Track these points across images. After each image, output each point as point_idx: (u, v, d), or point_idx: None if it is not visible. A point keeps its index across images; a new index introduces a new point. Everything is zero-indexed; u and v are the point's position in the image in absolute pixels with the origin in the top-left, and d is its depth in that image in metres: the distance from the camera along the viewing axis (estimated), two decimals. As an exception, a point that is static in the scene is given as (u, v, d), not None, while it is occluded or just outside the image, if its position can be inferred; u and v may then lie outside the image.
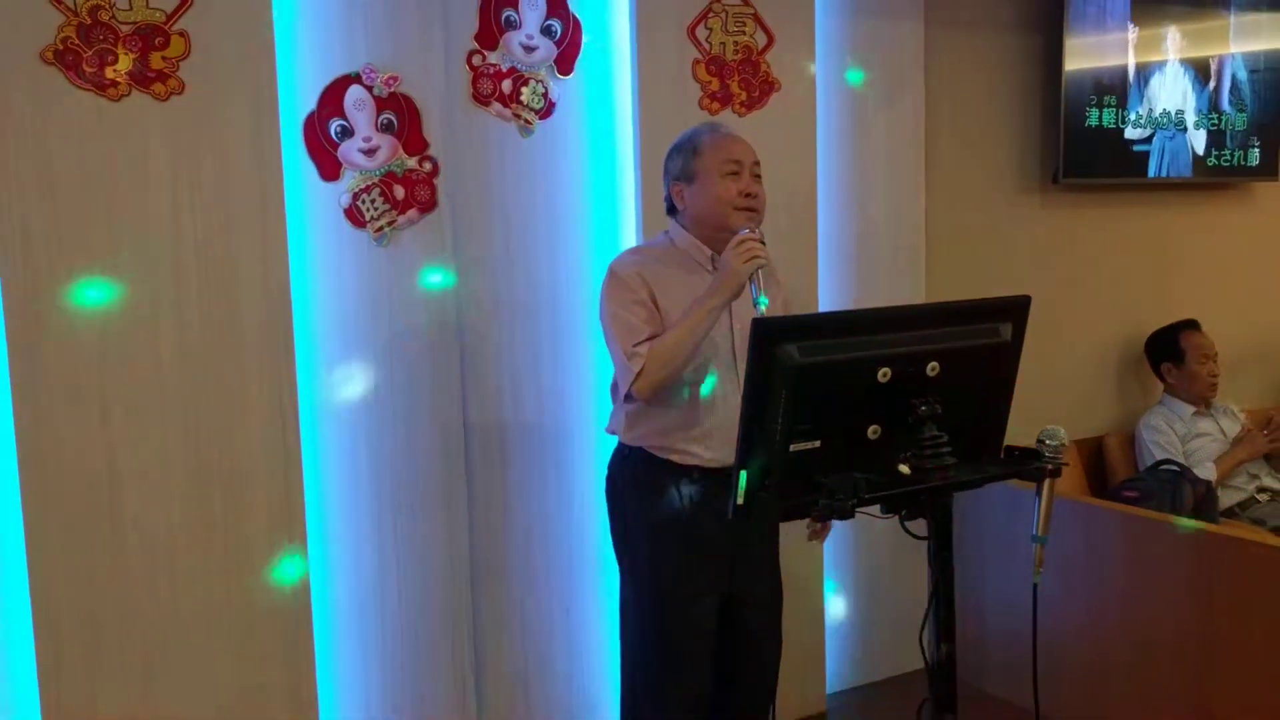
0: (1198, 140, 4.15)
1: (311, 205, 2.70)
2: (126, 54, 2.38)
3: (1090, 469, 4.03)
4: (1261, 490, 3.84)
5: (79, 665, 2.41)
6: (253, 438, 2.57)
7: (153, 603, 2.48)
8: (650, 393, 2.32)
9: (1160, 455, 3.82)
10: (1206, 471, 3.77)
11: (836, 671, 3.57)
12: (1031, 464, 1.89)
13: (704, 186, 2.41)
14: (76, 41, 2.34)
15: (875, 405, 1.79)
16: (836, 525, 2.56)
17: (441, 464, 2.87)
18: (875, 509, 1.81)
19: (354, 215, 2.73)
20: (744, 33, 3.14)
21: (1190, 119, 4.11)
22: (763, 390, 1.72)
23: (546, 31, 2.94)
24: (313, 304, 2.72)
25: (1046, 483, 1.91)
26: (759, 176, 2.43)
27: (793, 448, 1.75)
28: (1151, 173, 4.06)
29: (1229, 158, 4.24)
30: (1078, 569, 3.21)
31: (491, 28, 2.88)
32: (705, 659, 2.45)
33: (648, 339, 2.32)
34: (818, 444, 1.77)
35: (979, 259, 3.80)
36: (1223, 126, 4.20)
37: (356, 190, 2.73)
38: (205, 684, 2.54)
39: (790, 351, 1.72)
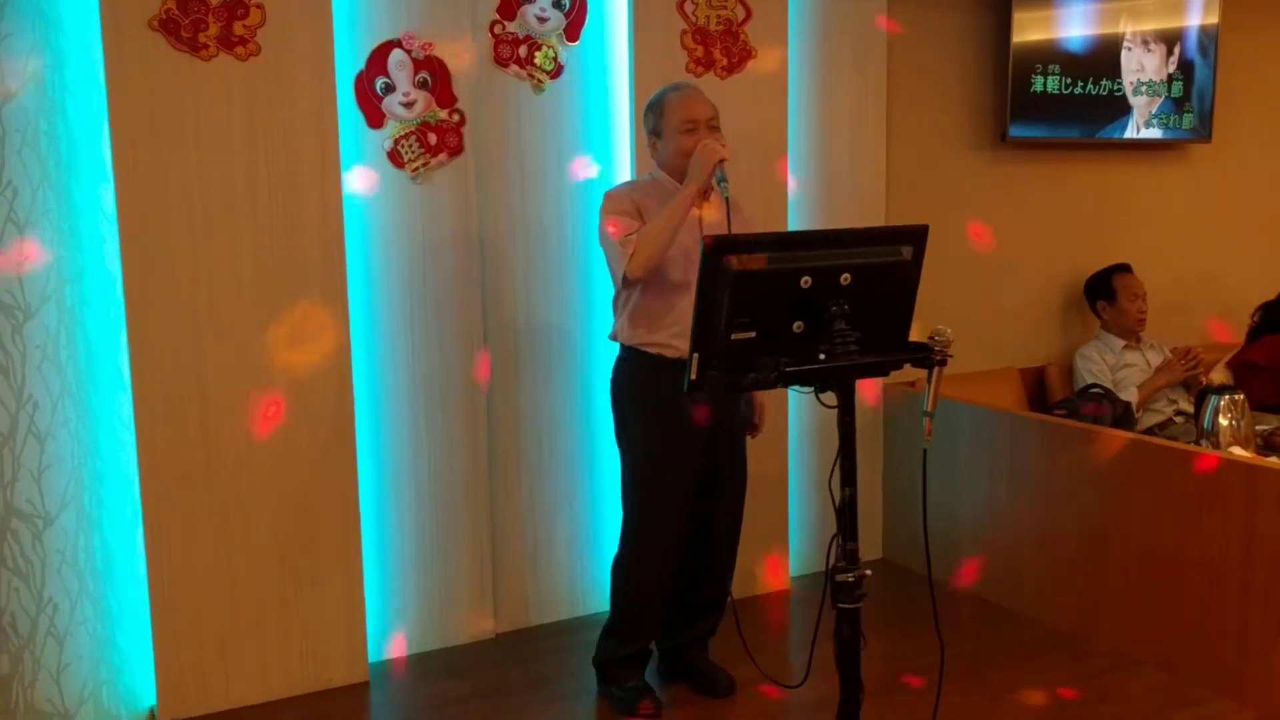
0: (1137, 105, 4.66)
1: (361, 148, 3.27)
2: (215, 23, 2.94)
3: (1033, 393, 4.59)
4: (1179, 414, 4.38)
5: (177, 519, 3.02)
6: (312, 344, 3.15)
7: (235, 468, 3.08)
8: (642, 271, 2.82)
9: (1090, 380, 4.37)
10: (1130, 395, 4.32)
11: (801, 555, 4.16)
12: (922, 354, 2.44)
13: (668, 141, 2.96)
14: (176, 12, 2.90)
15: (799, 306, 2.32)
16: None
17: (463, 367, 3.45)
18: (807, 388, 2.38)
19: (395, 157, 3.29)
20: (725, 7, 3.66)
21: (1128, 85, 4.62)
22: (710, 291, 2.27)
23: (557, 4, 3.47)
24: (360, 230, 3.29)
25: (935, 370, 2.45)
26: (716, 128, 2.95)
27: (734, 337, 2.30)
28: (1092, 134, 4.57)
29: (1166, 121, 4.75)
30: (1003, 470, 3.78)
31: (511, 1, 3.42)
32: (682, 508, 3.01)
33: (630, 234, 2.84)
34: (754, 335, 2.32)
35: (935, 207, 4.33)
36: (1161, 93, 4.71)
37: (397, 136, 3.28)
38: (270, 537, 3.14)
39: (732, 261, 2.27)
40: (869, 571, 2.36)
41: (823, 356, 2.32)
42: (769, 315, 2.32)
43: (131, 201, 2.90)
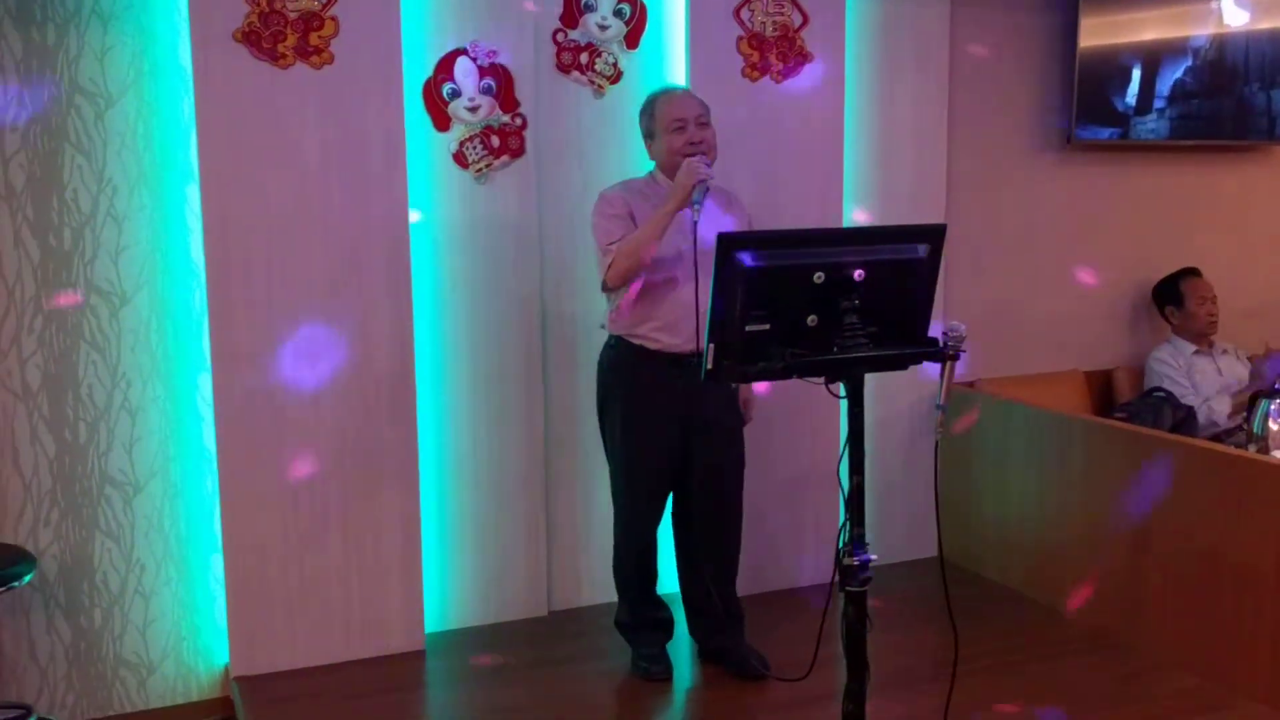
0: (1209, 107, 4.59)
1: (428, 150, 3.48)
2: (293, 34, 3.19)
3: (1099, 396, 4.58)
4: (1247, 420, 4.32)
5: (250, 492, 3.28)
6: (378, 335, 3.37)
7: (303, 448, 3.32)
8: (619, 280, 3.03)
9: (1163, 383, 4.33)
10: (1222, 404, 4.28)
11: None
12: (934, 349, 2.52)
13: (659, 141, 3.13)
14: (258, 24, 3.15)
15: (813, 300, 2.44)
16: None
17: (523, 357, 3.63)
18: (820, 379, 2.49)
19: (460, 159, 3.50)
20: (782, 14, 3.78)
21: (1201, 87, 4.55)
22: (725, 285, 2.40)
23: (618, 14, 3.64)
24: (427, 227, 3.51)
25: (947, 364, 2.53)
26: (704, 124, 3.09)
27: (748, 329, 2.42)
28: (1160, 136, 4.52)
29: (1232, 125, 4.65)
30: (1052, 470, 3.80)
31: (573, 11, 3.60)
32: (656, 488, 3.20)
33: (613, 242, 3.03)
34: (768, 327, 2.44)
35: (997, 210, 4.36)
36: (1233, 94, 4.62)
37: (462, 139, 3.49)
38: (335, 511, 3.38)
39: (746, 256, 2.40)
40: (875, 556, 2.46)
41: (835, 350, 2.44)
42: (783, 309, 2.43)
43: (215, 199, 3.17)
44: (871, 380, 3.91)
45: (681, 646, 3.47)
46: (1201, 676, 3.24)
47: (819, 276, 2.42)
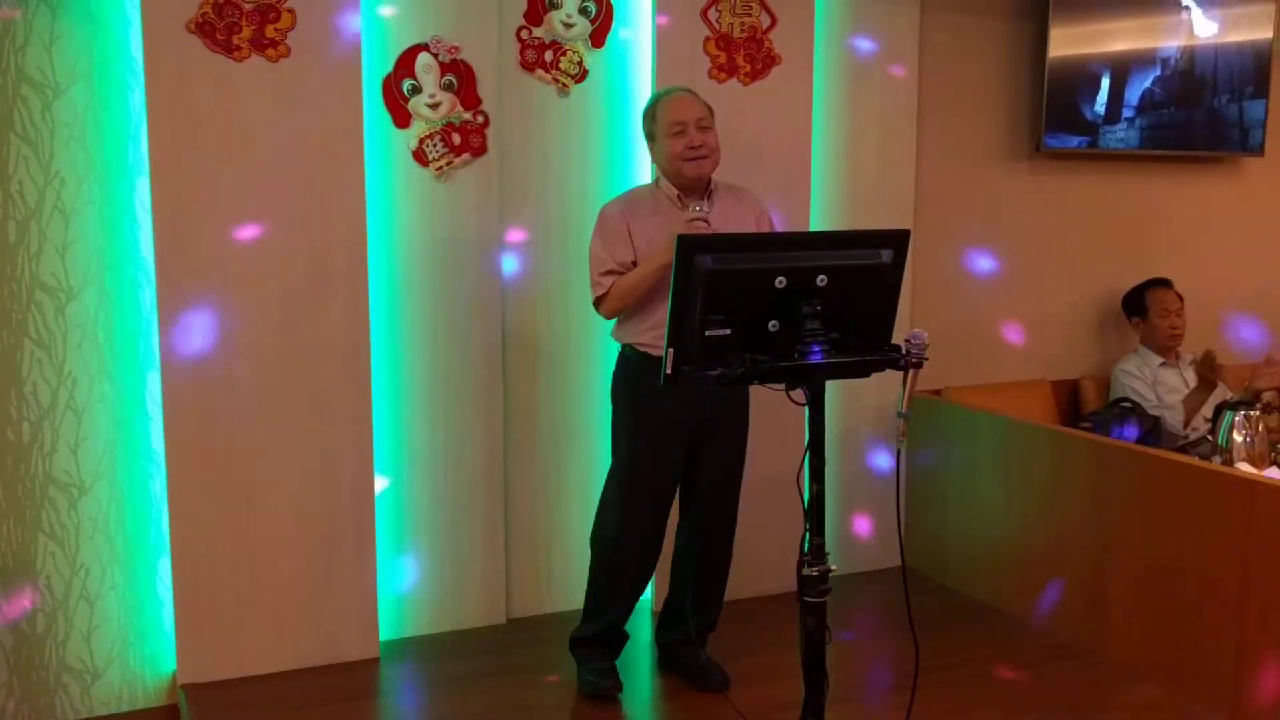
0: (1179, 117, 4.59)
1: (387, 148, 3.41)
2: (248, 26, 3.11)
3: (1065, 405, 4.56)
4: (1212, 432, 4.31)
5: (199, 494, 3.19)
6: (332, 335, 3.30)
7: (255, 448, 3.24)
8: (609, 315, 3.07)
9: (1126, 394, 4.32)
10: (1176, 414, 4.27)
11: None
12: (896, 356, 2.48)
13: (660, 144, 3.05)
14: (212, 15, 3.07)
15: (775, 305, 2.39)
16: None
17: (483, 361, 3.56)
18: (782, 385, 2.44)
19: (419, 157, 3.43)
20: (750, 15, 3.73)
21: (1170, 97, 4.55)
22: (684, 288, 2.35)
23: (583, 11, 3.58)
24: (385, 226, 3.44)
25: (910, 373, 2.48)
26: (706, 128, 3.03)
27: (707, 333, 2.37)
28: (1129, 145, 4.52)
29: (1208, 137, 4.66)
30: (1016, 479, 3.77)
31: (537, 7, 3.54)
32: (659, 496, 3.12)
33: (608, 271, 2.99)
34: (729, 332, 2.39)
35: (966, 218, 4.34)
36: (1203, 104, 4.62)
37: (422, 136, 3.42)
38: (287, 513, 3.30)
39: (705, 260, 2.34)
40: (834, 567, 2.41)
41: (796, 355, 2.39)
42: (744, 314, 2.38)
43: (166, 193, 3.08)
44: (843, 386, 3.95)
45: (640, 656, 3.42)
46: (1165, 687, 3.21)
47: (780, 281, 2.37)
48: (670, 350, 2.36)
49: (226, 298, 3.17)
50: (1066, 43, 4.31)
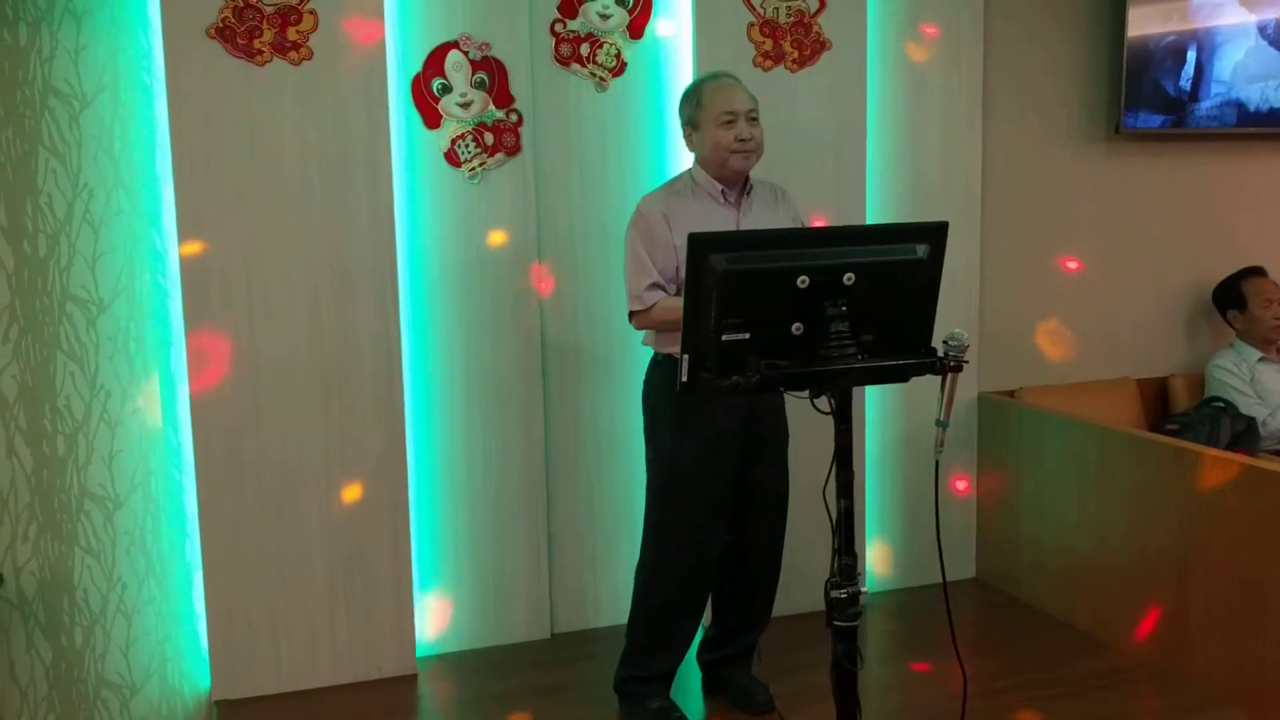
0: (1266, 94, 4.23)
1: (417, 149, 3.32)
2: (269, 29, 3.05)
3: (1152, 405, 4.25)
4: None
5: (231, 508, 3.14)
6: (363, 342, 3.22)
7: (287, 461, 3.18)
8: (642, 328, 2.93)
9: (1223, 392, 4.00)
10: (1276, 415, 3.94)
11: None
12: (933, 361, 2.28)
13: (705, 133, 2.85)
14: (232, 20, 3.02)
15: (797, 306, 2.22)
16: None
17: (521, 367, 3.45)
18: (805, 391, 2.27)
19: (451, 158, 3.33)
20: (796, -1, 3.55)
21: (1255, 73, 4.21)
22: (697, 290, 2.19)
23: (620, 2, 3.44)
24: (416, 229, 3.35)
25: (949, 376, 2.28)
26: (755, 120, 2.84)
27: (724, 338, 2.20)
28: (1222, 123, 4.18)
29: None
30: (1091, 486, 3.51)
31: (572, 0, 3.41)
32: (709, 520, 2.90)
33: (653, 284, 2.82)
34: (747, 336, 2.22)
35: (1038, 206, 4.07)
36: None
37: (454, 136, 3.32)
38: (321, 526, 3.23)
39: (718, 260, 2.18)
40: (865, 589, 2.23)
41: (820, 360, 2.21)
42: (764, 316, 2.22)
43: (189, 202, 3.04)
44: (903, 390, 3.73)
45: (682, 675, 3.26)
46: (1251, 715, 2.93)
47: (803, 280, 2.19)
48: (685, 357, 2.21)
49: (252, 306, 3.11)
50: (1148, 12, 4.01)
